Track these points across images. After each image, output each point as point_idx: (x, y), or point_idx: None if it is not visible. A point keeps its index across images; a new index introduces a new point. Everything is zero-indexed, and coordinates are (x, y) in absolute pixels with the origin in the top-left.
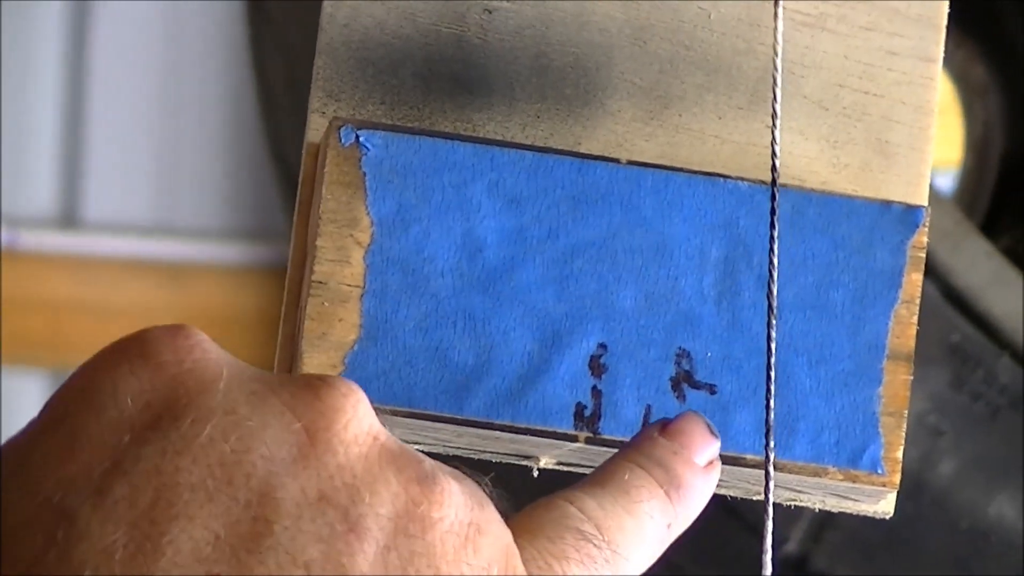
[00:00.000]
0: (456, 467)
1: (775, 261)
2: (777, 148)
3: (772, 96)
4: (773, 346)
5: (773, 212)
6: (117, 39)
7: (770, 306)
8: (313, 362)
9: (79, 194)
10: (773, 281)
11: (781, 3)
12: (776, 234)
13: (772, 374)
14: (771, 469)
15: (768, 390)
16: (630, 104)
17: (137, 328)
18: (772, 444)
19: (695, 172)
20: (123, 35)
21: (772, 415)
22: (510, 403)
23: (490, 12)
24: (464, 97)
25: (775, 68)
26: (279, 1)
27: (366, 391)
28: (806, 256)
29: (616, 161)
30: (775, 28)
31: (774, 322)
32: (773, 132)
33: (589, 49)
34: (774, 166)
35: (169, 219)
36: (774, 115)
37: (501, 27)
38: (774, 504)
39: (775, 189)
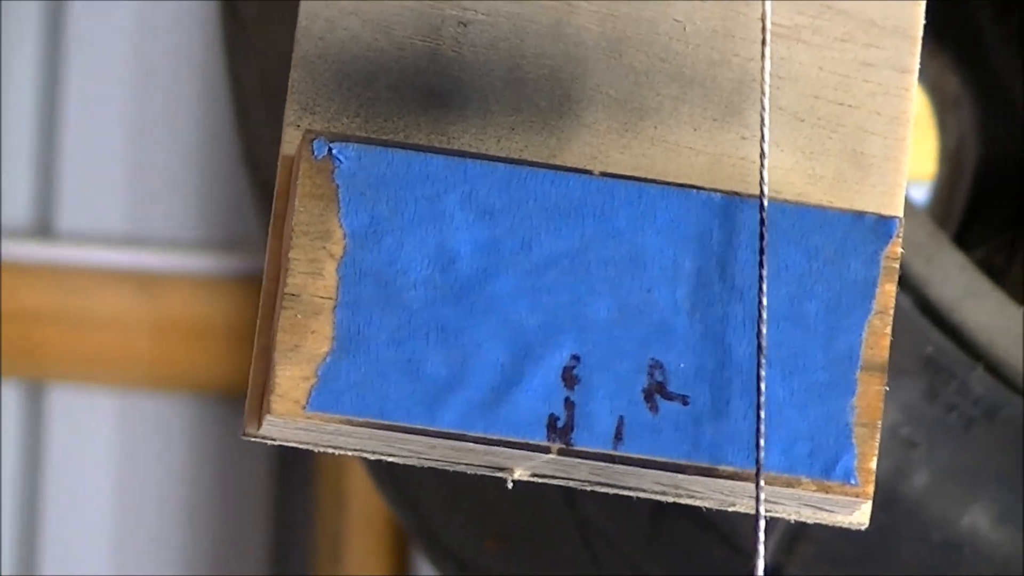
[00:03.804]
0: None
1: (764, 274)
2: (765, 161)
3: (761, 108)
4: (763, 372)
5: (762, 223)
6: (91, 50)
7: (759, 327)
8: (286, 374)
9: (54, 204)
10: (763, 293)
11: (768, 24)
12: (764, 245)
13: (762, 410)
14: (761, 494)
15: (758, 417)
16: (605, 116)
17: (111, 338)
18: (761, 457)
19: (669, 184)
20: (97, 46)
21: (762, 442)
22: (483, 415)
23: (465, 25)
24: (439, 110)
25: (763, 84)
26: (254, 11)
27: (338, 403)
28: (780, 267)
29: (589, 173)
30: (763, 43)
31: (763, 344)
32: (762, 146)
33: (564, 61)
34: (762, 178)
35: (143, 229)
36: (762, 136)
37: (476, 40)
38: (747, 514)
39: (763, 200)
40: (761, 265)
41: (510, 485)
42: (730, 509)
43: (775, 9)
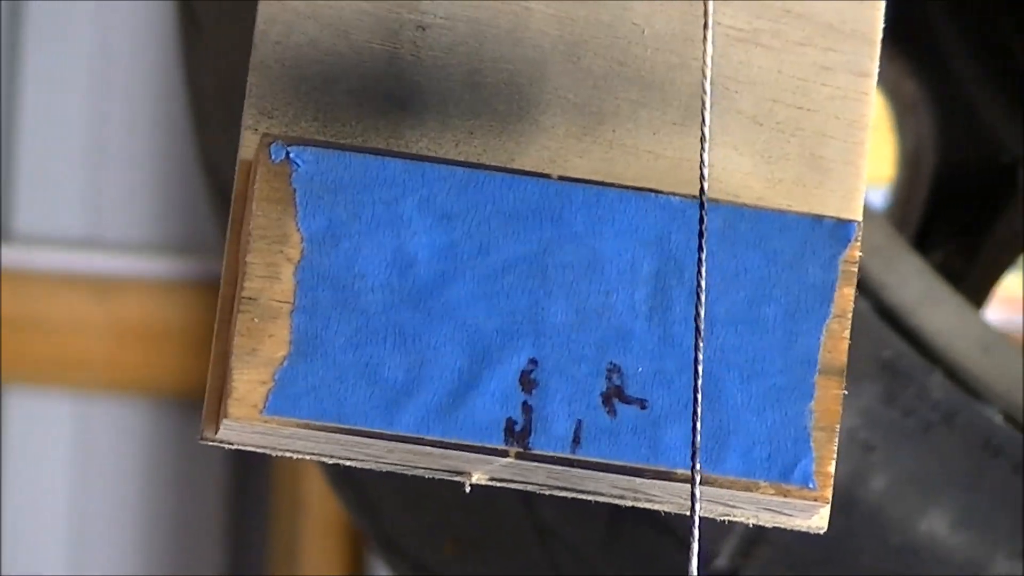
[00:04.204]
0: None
1: (703, 272)
2: (705, 168)
3: (701, 116)
4: (700, 368)
5: (702, 221)
6: (48, 52)
7: (697, 327)
8: (243, 378)
9: (9, 207)
10: (701, 304)
11: (710, 27)
12: (703, 253)
13: (699, 396)
14: (697, 492)
15: (695, 412)
16: (564, 120)
17: (67, 341)
18: (698, 467)
19: (627, 187)
20: (55, 48)
21: (698, 438)
22: (441, 419)
23: (423, 29)
24: (397, 114)
25: (704, 89)
26: (211, 14)
27: (296, 408)
28: (738, 271)
29: (547, 176)
30: (704, 46)
31: (701, 344)
32: (702, 151)
33: (523, 65)
34: (702, 176)
35: (99, 232)
36: (703, 136)
37: (434, 44)
38: (705, 518)
39: (703, 199)
40: (700, 263)
41: (468, 489)
42: (687, 513)
43: (734, 13)
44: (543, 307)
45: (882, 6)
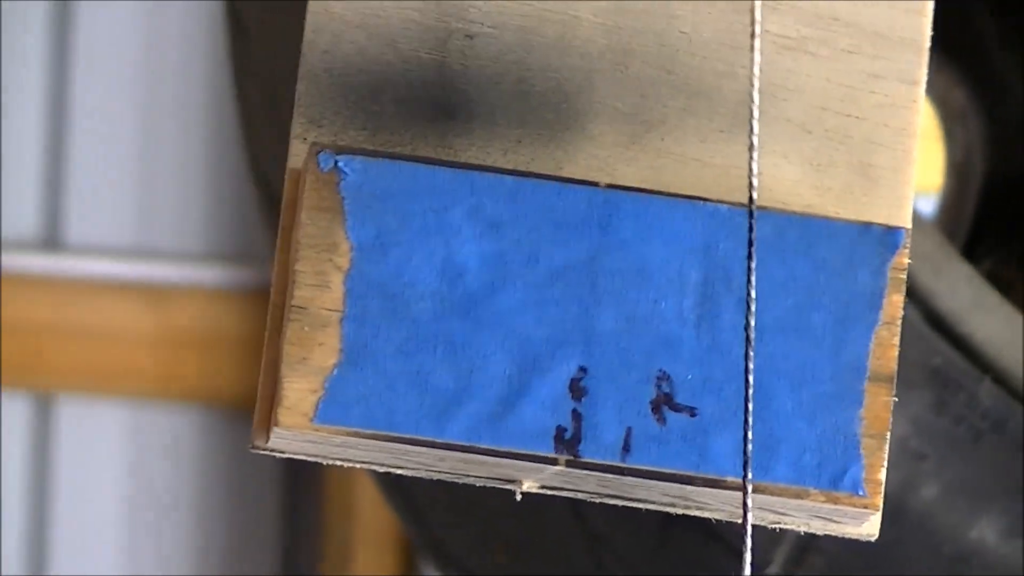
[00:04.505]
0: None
1: (752, 280)
2: (755, 177)
3: (749, 124)
4: (751, 377)
5: (751, 229)
6: (98, 62)
7: (748, 336)
8: (294, 387)
9: (61, 216)
10: (751, 312)
11: (758, 36)
12: (753, 262)
13: (750, 405)
14: (749, 501)
15: (746, 421)
16: (611, 128)
17: (117, 352)
18: (749, 476)
19: (675, 195)
20: (105, 58)
21: (750, 447)
22: (490, 427)
23: (471, 38)
24: (445, 123)
25: (752, 99)
26: (258, 23)
27: (346, 416)
28: (787, 278)
29: (595, 185)
30: (752, 54)
31: (751, 353)
32: (751, 160)
33: (570, 74)
34: (751, 184)
35: (151, 241)
36: (751, 145)
37: (482, 53)
38: (756, 526)
39: (752, 207)
40: (750, 271)
41: (519, 497)
42: (738, 521)
43: (782, 21)
44: (592, 315)
45: (930, 14)
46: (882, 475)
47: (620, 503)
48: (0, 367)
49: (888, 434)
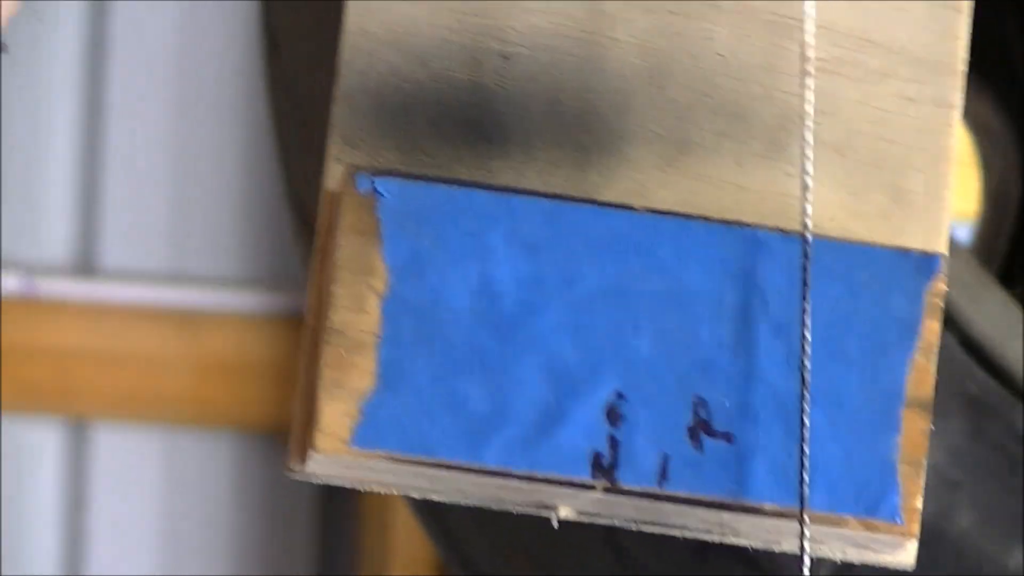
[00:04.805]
0: None
1: (807, 307)
2: (808, 205)
3: (802, 151)
4: (807, 406)
5: (806, 256)
6: (133, 85)
7: (803, 363)
8: (329, 410)
9: (95, 241)
10: (807, 328)
11: (811, 55)
12: (808, 289)
13: (807, 444)
14: (807, 531)
15: (802, 450)
16: (648, 151)
17: (151, 377)
18: (806, 495)
19: (712, 219)
20: (139, 82)
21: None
22: (526, 451)
23: (506, 58)
24: (481, 144)
25: (805, 124)
26: (292, 44)
27: (382, 439)
28: (822, 303)
29: (632, 208)
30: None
31: (807, 377)
32: (804, 189)
33: (607, 95)
34: (805, 212)
35: (184, 266)
36: (804, 170)
37: (518, 73)
38: (792, 554)
39: (807, 234)
40: (804, 299)
41: (556, 525)
42: (775, 549)
43: (816, 43)
44: (628, 339)
45: (965, 37)
46: (919, 503)
47: (657, 530)
48: (34, 392)
49: (924, 461)
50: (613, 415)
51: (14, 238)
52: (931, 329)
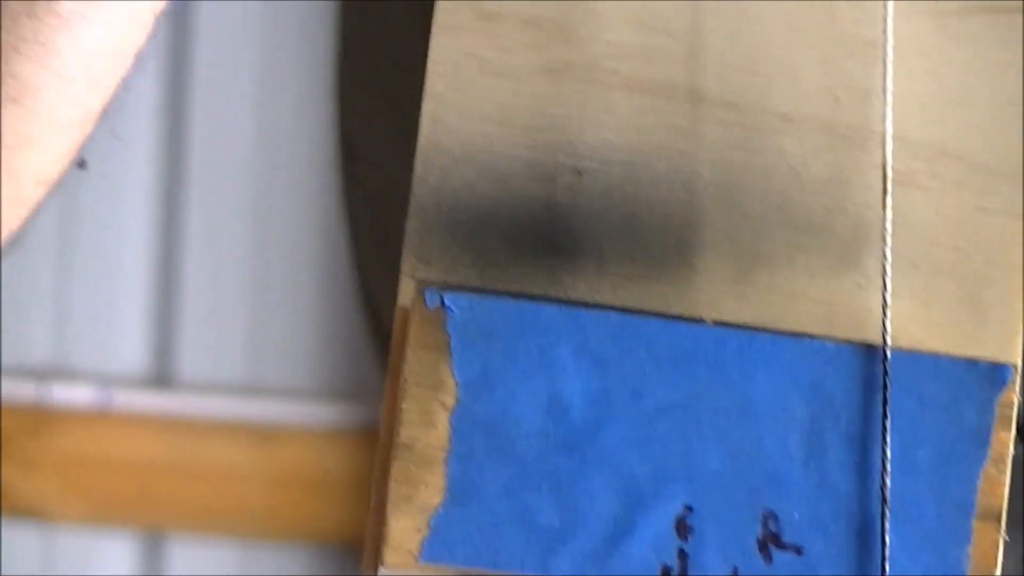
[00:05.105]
0: None
1: (888, 425)
2: (887, 321)
3: (882, 267)
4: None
5: (886, 373)
6: (209, 197)
7: (883, 479)
8: (399, 525)
9: (171, 353)
10: (887, 445)
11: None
12: (887, 396)
13: (887, 563)
14: None
15: (883, 567)
16: (720, 264)
17: (226, 490)
18: None
19: (780, 331)
20: (214, 195)
21: None
22: (596, 565)
23: (580, 174)
24: (553, 258)
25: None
26: (369, 156)
27: (451, 554)
28: (893, 415)
29: (702, 321)
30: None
31: (887, 496)
32: (884, 306)
33: (679, 208)
34: (885, 328)
35: (260, 378)
36: (884, 286)
37: (590, 188)
38: None
39: (886, 350)
40: (884, 416)
41: None
42: None
43: (891, 154)
44: (697, 452)
45: None
46: None
47: None
48: (108, 505)
49: (997, 573)
50: (682, 528)
51: (90, 350)
52: (1002, 440)
